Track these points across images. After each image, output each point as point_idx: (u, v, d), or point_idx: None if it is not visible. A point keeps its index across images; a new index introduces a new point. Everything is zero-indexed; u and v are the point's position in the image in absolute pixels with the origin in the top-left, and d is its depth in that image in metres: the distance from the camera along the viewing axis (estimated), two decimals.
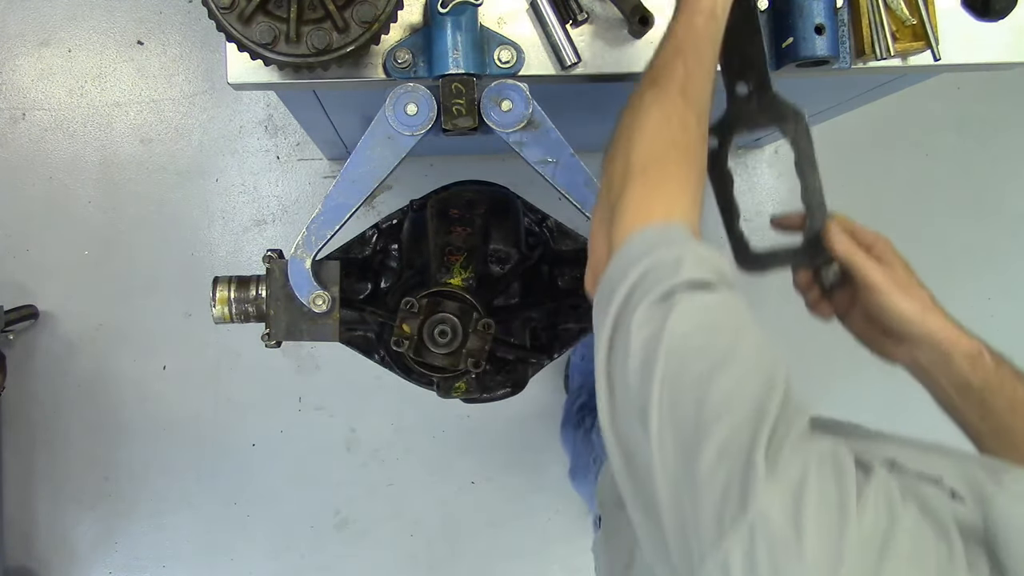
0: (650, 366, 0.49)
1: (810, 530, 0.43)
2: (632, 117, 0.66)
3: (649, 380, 0.49)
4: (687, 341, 0.50)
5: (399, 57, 0.86)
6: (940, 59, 0.92)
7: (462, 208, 0.97)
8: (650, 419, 0.49)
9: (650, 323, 0.51)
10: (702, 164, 0.66)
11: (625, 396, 0.51)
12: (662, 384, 0.49)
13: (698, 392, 0.48)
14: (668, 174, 0.62)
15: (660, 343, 0.50)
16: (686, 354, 0.50)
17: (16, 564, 1.83)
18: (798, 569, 0.43)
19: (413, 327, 0.88)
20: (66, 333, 1.85)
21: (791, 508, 0.44)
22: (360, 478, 1.90)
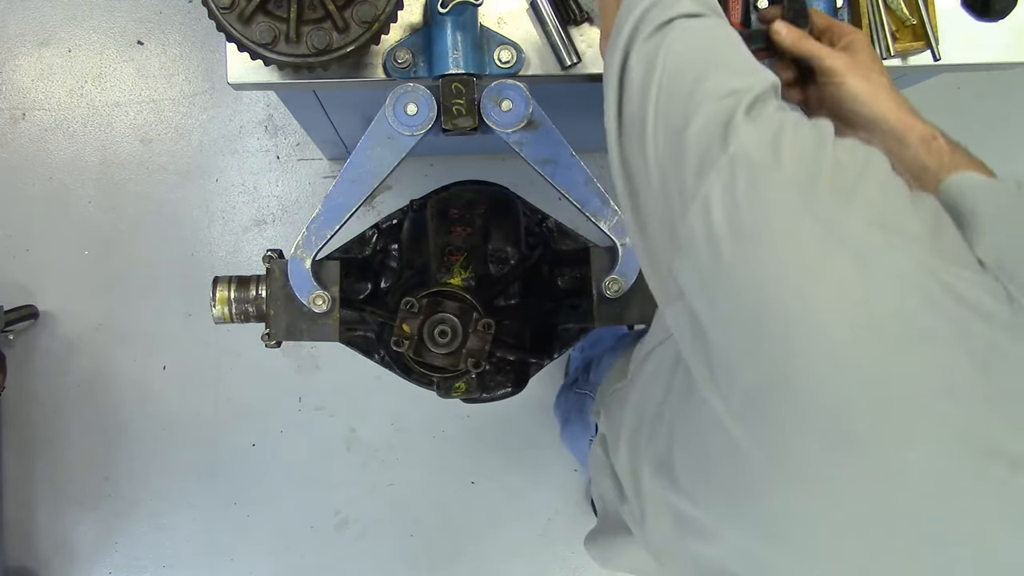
0: (649, 79, 0.55)
1: (788, 154, 0.46)
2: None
3: (647, 92, 0.54)
4: (682, 55, 0.55)
5: (399, 57, 0.86)
6: (940, 59, 0.92)
7: (462, 208, 0.97)
8: (647, 125, 0.53)
9: (650, 44, 0.56)
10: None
11: (631, 123, 0.56)
12: (658, 89, 0.53)
13: (690, 87, 0.52)
14: None
15: (657, 58, 0.55)
16: (681, 64, 0.54)
17: (16, 564, 1.83)
18: (776, 180, 0.46)
19: (413, 327, 0.88)
20: (66, 333, 1.85)
21: (770, 140, 0.47)
22: (360, 478, 1.90)
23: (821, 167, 0.46)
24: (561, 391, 1.67)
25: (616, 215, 0.89)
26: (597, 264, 0.92)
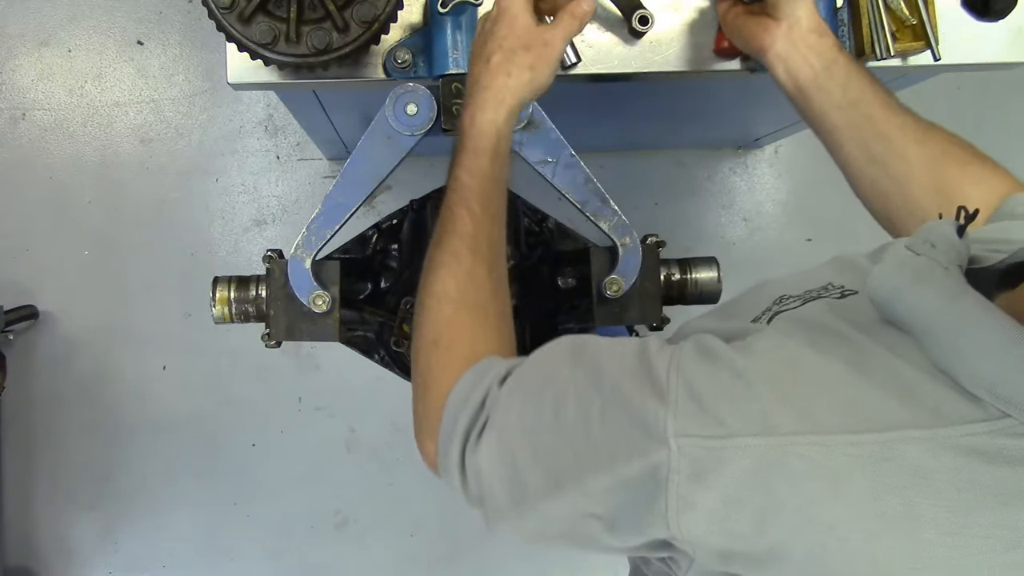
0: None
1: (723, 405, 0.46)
2: (425, 282, 0.68)
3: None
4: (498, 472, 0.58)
5: (399, 57, 0.86)
6: (940, 59, 0.92)
7: None
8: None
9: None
10: (499, 307, 0.67)
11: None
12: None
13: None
14: (459, 336, 0.64)
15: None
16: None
17: (16, 564, 1.83)
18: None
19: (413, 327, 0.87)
20: (66, 333, 1.85)
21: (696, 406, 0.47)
22: (360, 478, 1.90)
23: (752, 399, 0.47)
24: None
25: (616, 215, 0.89)
26: (597, 264, 0.92)
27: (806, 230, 1.99)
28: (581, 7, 0.72)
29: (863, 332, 0.48)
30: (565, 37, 0.72)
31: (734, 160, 1.99)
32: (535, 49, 0.70)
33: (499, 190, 0.71)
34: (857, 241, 0.68)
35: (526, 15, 0.71)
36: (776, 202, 1.99)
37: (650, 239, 0.92)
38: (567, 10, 0.72)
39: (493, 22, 0.72)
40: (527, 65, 0.70)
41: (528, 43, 0.70)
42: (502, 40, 0.71)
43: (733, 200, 1.99)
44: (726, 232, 1.99)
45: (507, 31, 0.71)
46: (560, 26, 0.71)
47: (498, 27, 0.71)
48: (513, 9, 0.71)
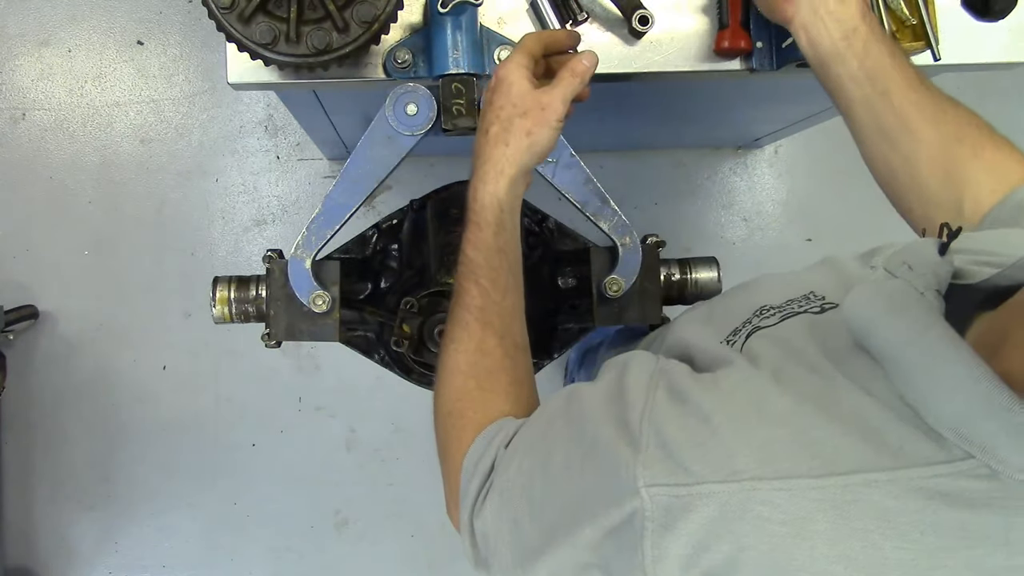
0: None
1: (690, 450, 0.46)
2: (440, 356, 0.70)
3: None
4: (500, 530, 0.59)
5: (399, 57, 0.86)
6: (940, 59, 0.92)
7: (462, 208, 0.97)
8: None
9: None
10: (513, 374, 0.68)
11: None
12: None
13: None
14: (470, 406, 0.66)
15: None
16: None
17: (16, 564, 1.83)
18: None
19: (413, 327, 0.88)
20: (66, 333, 1.85)
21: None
22: (360, 478, 1.90)
23: (722, 441, 0.46)
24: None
25: (616, 215, 0.89)
26: (597, 264, 0.92)
27: (806, 230, 1.99)
28: (581, 64, 0.70)
29: (834, 360, 0.47)
30: (564, 97, 0.70)
31: (734, 160, 1.99)
32: (532, 114, 0.69)
33: (506, 260, 0.71)
34: (857, 241, 0.68)
35: (522, 81, 0.70)
36: (776, 202, 1.99)
37: (650, 239, 0.92)
38: (567, 67, 0.71)
39: (492, 91, 0.72)
40: (524, 131, 0.70)
41: (525, 109, 0.70)
42: (499, 109, 0.71)
43: (733, 200, 1.99)
44: (726, 232, 1.99)
45: (504, 99, 0.70)
46: (559, 86, 0.70)
47: (496, 96, 0.71)
48: (509, 76, 0.71)
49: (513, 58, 0.72)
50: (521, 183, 0.72)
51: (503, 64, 0.72)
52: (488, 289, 0.68)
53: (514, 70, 0.71)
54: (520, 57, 0.72)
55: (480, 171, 0.71)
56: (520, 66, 0.71)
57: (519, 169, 0.70)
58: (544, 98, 0.70)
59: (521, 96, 0.70)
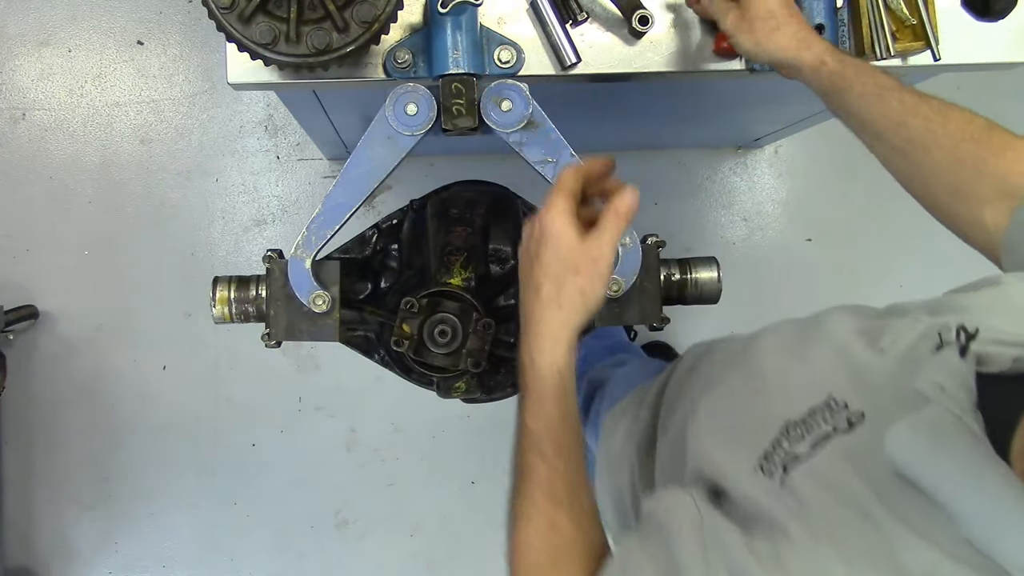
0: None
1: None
2: (509, 534, 0.67)
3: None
4: None
5: (399, 57, 0.86)
6: (940, 59, 0.92)
7: (462, 208, 0.97)
8: None
9: None
10: (584, 541, 0.66)
11: None
12: None
13: None
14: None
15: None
16: None
17: (16, 564, 1.83)
18: None
19: (413, 327, 0.88)
20: (66, 333, 1.85)
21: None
22: (360, 478, 1.90)
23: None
24: None
25: None
26: None
27: (806, 230, 1.99)
28: (625, 203, 0.67)
29: (884, 499, 0.46)
30: (614, 243, 0.67)
31: (734, 160, 1.99)
32: (584, 270, 0.66)
33: (569, 426, 0.68)
34: (857, 241, 0.68)
35: (570, 232, 0.66)
36: (776, 202, 1.99)
37: (650, 239, 0.92)
38: (611, 209, 0.67)
39: (537, 243, 0.68)
40: (578, 290, 0.66)
41: (576, 265, 0.66)
42: (547, 266, 0.67)
43: (733, 200, 1.99)
44: (726, 232, 1.99)
45: (552, 255, 0.67)
46: (607, 232, 0.67)
47: (543, 250, 0.67)
48: (555, 228, 0.67)
49: (556, 204, 0.67)
50: (575, 346, 0.69)
51: (547, 212, 0.67)
52: (552, 459, 0.66)
53: (559, 220, 0.67)
54: (562, 203, 0.68)
55: (534, 335, 0.68)
56: (564, 213, 0.67)
57: (574, 331, 0.68)
58: (594, 251, 0.66)
59: (571, 251, 0.66)
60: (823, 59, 0.76)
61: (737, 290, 1.93)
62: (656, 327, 0.92)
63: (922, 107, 0.71)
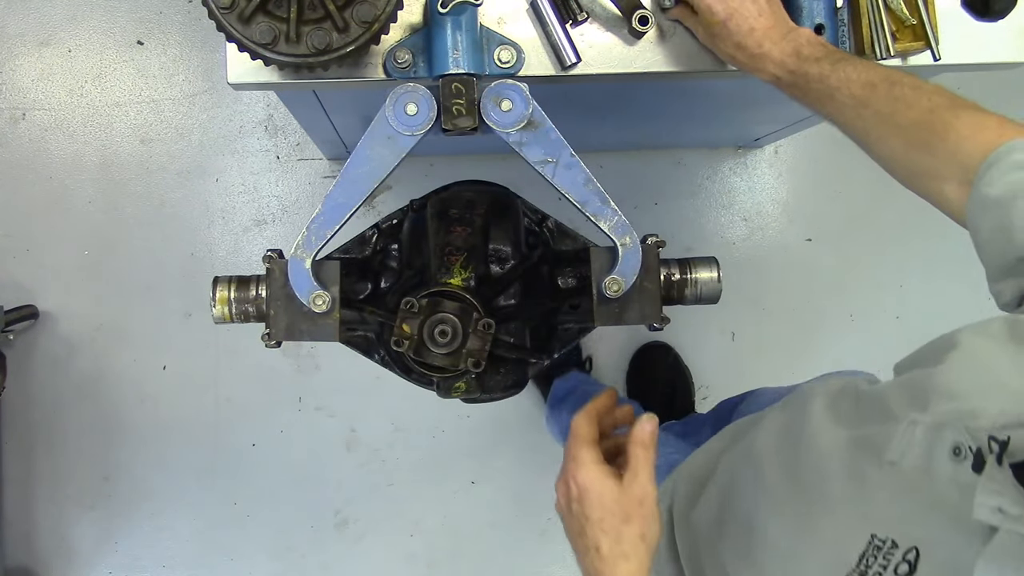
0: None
1: None
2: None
3: None
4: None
5: (399, 57, 0.86)
6: (940, 59, 0.92)
7: (462, 208, 0.97)
8: None
9: None
10: None
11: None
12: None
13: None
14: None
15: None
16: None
17: (16, 564, 1.83)
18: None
19: (413, 327, 0.88)
20: (66, 333, 1.85)
21: None
22: (360, 478, 1.90)
23: None
24: (552, 413, 1.67)
25: (616, 215, 0.89)
26: (597, 264, 0.92)
27: (806, 230, 1.99)
28: (646, 432, 0.68)
29: None
30: (651, 476, 0.66)
31: (734, 160, 1.99)
32: (636, 516, 0.65)
33: None
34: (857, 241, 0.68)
35: (606, 483, 0.66)
36: (776, 202, 1.99)
37: (650, 239, 0.92)
38: (637, 444, 0.67)
39: (579, 503, 0.67)
40: (639, 537, 0.65)
41: (627, 513, 0.65)
42: (600, 523, 0.66)
43: (733, 200, 1.99)
44: (726, 232, 1.99)
45: (600, 511, 0.66)
46: (641, 469, 0.67)
47: (588, 509, 0.66)
48: (592, 485, 0.66)
49: (582, 458, 0.67)
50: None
51: (578, 469, 0.67)
52: None
53: (592, 473, 0.67)
54: (588, 454, 0.68)
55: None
56: (594, 464, 0.67)
57: (647, 572, 0.66)
58: (638, 492, 0.66)
59: (616, 501, 0.66)
60: (776, 75, 0.80)
61: (737, 290, 1.94)
62: (656, 327, 0.92)
63: (873, 98, 0.72)
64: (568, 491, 0.69)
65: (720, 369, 1.97)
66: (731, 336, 1.98)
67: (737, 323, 1.97)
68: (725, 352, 1.98)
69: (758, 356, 1.98)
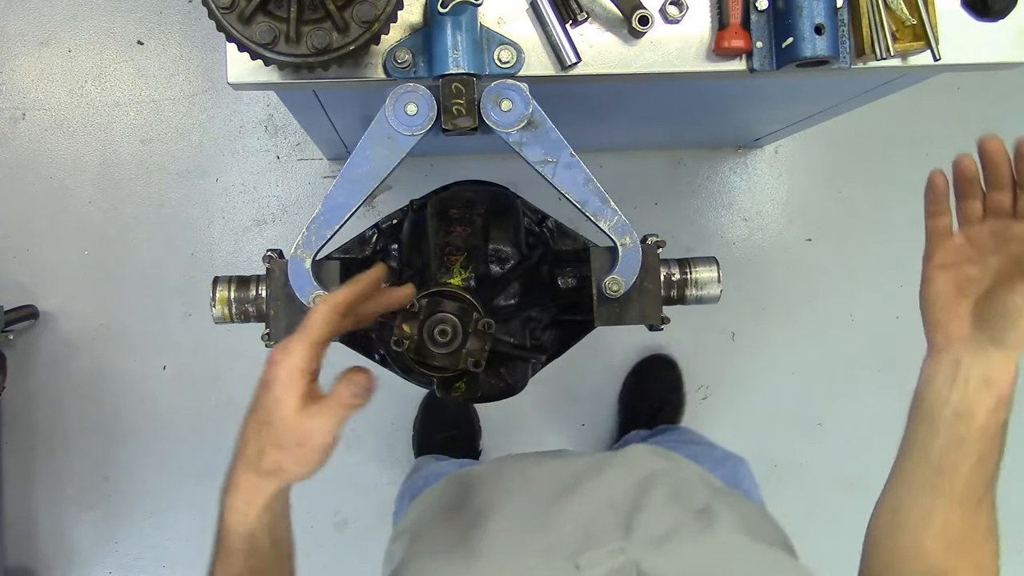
0: None
1: None
2: None
3: None
4: None
5: (399, 57, 0.86)
6: (940, 59, 0.92)
7: (462, 208, 0.97)
8: None
9: None
10: None
11: None
12: None
13: None
14: None
15: None
16: None
17: (16, 564, 1.83)
18: None
19: (413, 327, 0.88)
20: (66, 333, 1.85)
21: None
22: (360, 478, 1.90)
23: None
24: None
25: (616, 215, 0.89)
26: (597, 264, 0.92)
27: (806, 230, 1.99)
28: (352, 389, 0.62)
29: None
30: (328, 430, 0.61)
31: (734, 160, 1.99)
32: (288, 448, 0.60)
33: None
34: (857, 241, 0.68)
35: (287, 400, 0.59)
36: (776, 202, 1.99)
37: (650, 239, 0.92)
38: (338, 390, 0.61)
39: (261, 388, 0.61)
40: (276, 465, 0.61)
41: (282, 440, 0.60)
42: (258, 426, 0.61)
43: (733, 200, 1.99)
44: (726, 232, 1.99)
45: (264, 417, 0.61)
46: (324, 415, 0.61)
47: (258, 406, 0.61)
48: (278, 390, 0.60)
49: (292, 355, 0.60)
50: (272, 505, 0.64)
51: (282, 360, 0.60)
52: None
53: (284, 379, 0.59)
54: (299, 356, 0.60)
55: (229, 491, 0.64)
56: (293, 375, 0.59)
57: (270, 496, 0.63)
58: (304, 432, 0.60)
59: (282, 421, 0.60)
60: (1008, 401, 0.66)
61: (737, 290, 1.94)
62: (656, 327, 0.92)
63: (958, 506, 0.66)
64: (263, 374, 0.62)
65: (720, 369, 1.97)
66: (731, 336, 1.98)
67: (737, 323, 1.97)
68: (725, 352, 1.98)
69: (758, 356, 1.98)
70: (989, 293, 0.66)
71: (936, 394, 0.67)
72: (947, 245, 0.72)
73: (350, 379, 0.62)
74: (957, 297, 0.68)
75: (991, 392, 0.65)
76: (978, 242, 0.70)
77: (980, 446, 0.65)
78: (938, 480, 0.66)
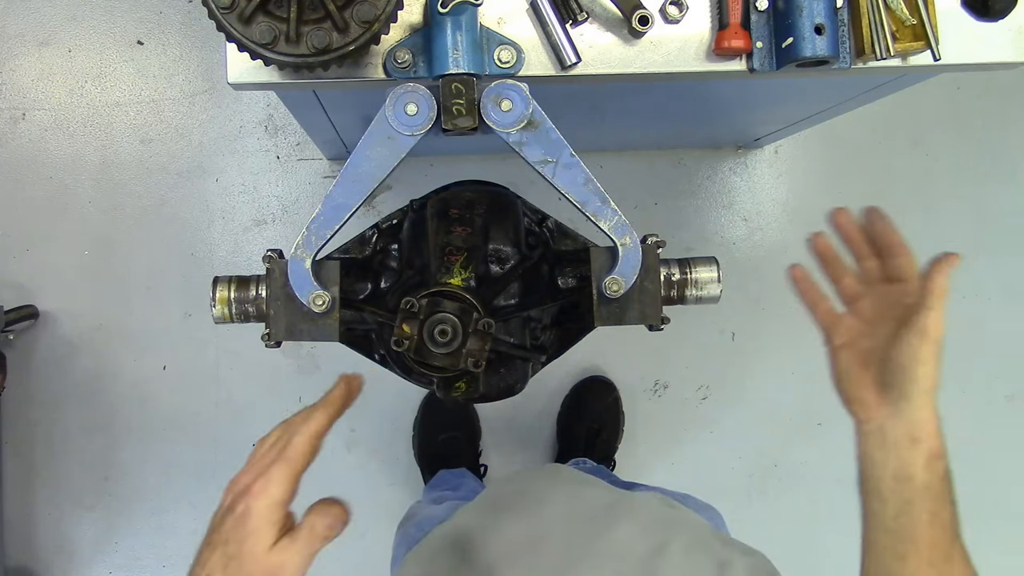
0: None
1: None
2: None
3: None
4: None
5: (399, 57, 0.86)
6: (940, 59, 0.92)
7: (462, 208, 0.97)
8: None
9: None
10: None
11: None
12: None
13: None
14: None
15: None
16: None
17: (16, 564, 1.83)
18: None
19: (413, 327, 0.88)
20: (66, 333, 1.85)
21: None
22: (360, 478, 1.90)
23: None
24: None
25: (616, 215, 0.89)
26: (597, 264, 0.92)
27: (806, 230, 1.98)
28: (325, 521, 0.59)
29: None
30: (300, 564, 0.57)
31: (734, 160, 1.99)
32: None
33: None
34: None
35: (265, 535, 0.56)
36: (776, 202, 1.99)
37: (650, 239, 0.92)
38: (309, 526, 0.58)
39: (222, 524, 0.58)
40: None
41: (251, 571, 0.56)
42: (224, 561, 0.56)
43: (733, 200, 1.99)
44: (726, 232, 1.99)
45: (233, 551, 0.56)
46: (296, 548, 0.57)
47: (225, 538, 0.57)
48: (252, 523, 0.56)
49: (273, 485, 0.57)
50: None
51: (257, 490, 0.57)
52: None
53: (263, 513, 0.57)
54: (281, 488, 0.57)
55: None
56: (272, 509, 0.57)
57: None
58: (274, 566, 0.56)
59: (252, 556, 0.56)
60: (943, 454, 0.68)
61: (737, 290, 1.94)
62: (656, 327, 0.92)
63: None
64: (233, 492, 0.60)
65: (720, 369, 1.97)
66: (731, 336, 1.98)
67: (737, 323, 1.97)
68: (725, 352, 1.98)
69: (758, 356, 1.98)
70: (884, 356, 0.71)
71: (873, 464, 0.69)
72: (839, 328, 0.79)
73: (325, 511, 0.59)
74: (862, 370, 0.73)
75: (920, 449, 0.67)
76: (865, 316, 0.78)
77: (928, 504, 0.66)
78: (900, 546, 0.66)
